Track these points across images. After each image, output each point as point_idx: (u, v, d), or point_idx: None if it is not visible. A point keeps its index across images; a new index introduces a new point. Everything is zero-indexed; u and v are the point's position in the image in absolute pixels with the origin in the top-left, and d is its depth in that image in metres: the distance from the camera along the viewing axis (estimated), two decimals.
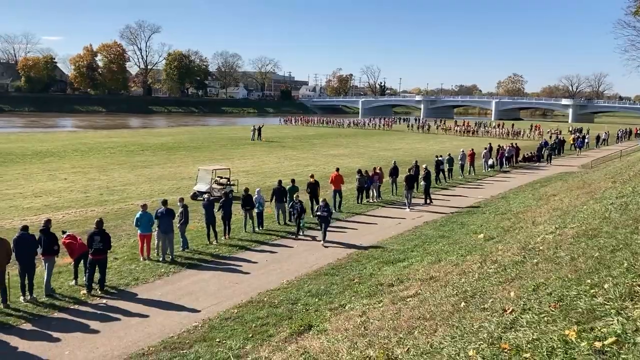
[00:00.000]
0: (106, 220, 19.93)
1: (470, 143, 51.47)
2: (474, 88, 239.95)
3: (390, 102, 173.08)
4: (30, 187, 26.80)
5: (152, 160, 38.78)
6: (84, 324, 11.18)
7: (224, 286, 13.53)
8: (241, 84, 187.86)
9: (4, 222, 18.90)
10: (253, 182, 27.52)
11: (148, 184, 28.66)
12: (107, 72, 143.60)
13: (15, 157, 38.13)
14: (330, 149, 50.90)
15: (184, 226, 16.70)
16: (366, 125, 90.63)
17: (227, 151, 46.71)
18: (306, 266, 15.06)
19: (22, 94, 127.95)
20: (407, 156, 41.79)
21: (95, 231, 13.13)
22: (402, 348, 6.55)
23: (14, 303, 12.02)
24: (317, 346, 8.37)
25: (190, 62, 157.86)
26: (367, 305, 10.55)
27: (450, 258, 13.09)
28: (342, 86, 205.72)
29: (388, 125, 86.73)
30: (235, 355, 9.38)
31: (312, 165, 37.95)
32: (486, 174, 34.72)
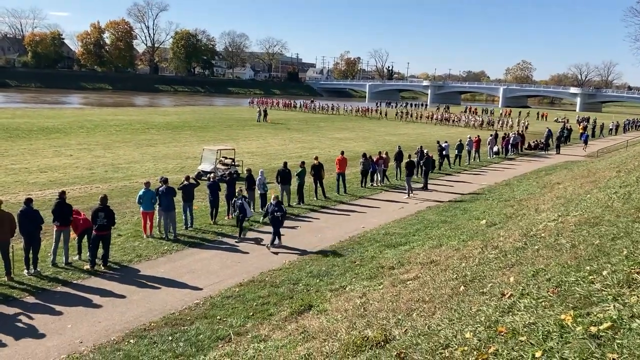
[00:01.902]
0: (111, 197, 20.02)
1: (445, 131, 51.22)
2: (482, 74, 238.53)
3: (397, 86, 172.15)
4: (36, 163, 26.92)
5: (157, 139, 38.83)
6: (87, 298, 11.31)
7: (226, 265, 13.64)
8: (248, 64, 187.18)
9: (9, 197, 19.01)
10: (258, 163, 27.55)
11: (153, 163, 28.74)
12: (114, 49, 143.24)
13: (21, 132, 38.24)
14: (336, 132, 50.80)
15: (187, 203, 16.77)
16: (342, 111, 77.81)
17: (232, 132, 46.69)
18: (309, 247, 15.14)
19: (28, 70, 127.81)
20: (412, 141, 41.67)
21: (100, 207, 13.22)
22: (400, 329, 6.62)
23: (18, 276, 12.16)
24: (316, 325, 8.46)
25: (197, 41, 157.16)
26: (368, 287, 10.63)
27: (452, 243, 13.14)
28: (349, 69, 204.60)
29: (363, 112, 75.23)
30: (236, 332, 9.49)
31: (318, 148, 37.90)
32: (491, 160, 34.69)
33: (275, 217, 15.11)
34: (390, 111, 78.75)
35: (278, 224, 15.18)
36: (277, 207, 15.18)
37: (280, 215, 15.15)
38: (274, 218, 15.15)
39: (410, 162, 23.40)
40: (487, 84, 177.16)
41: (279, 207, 15.25)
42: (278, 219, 15.12)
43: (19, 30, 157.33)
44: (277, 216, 15.09)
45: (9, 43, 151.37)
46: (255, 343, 8.59)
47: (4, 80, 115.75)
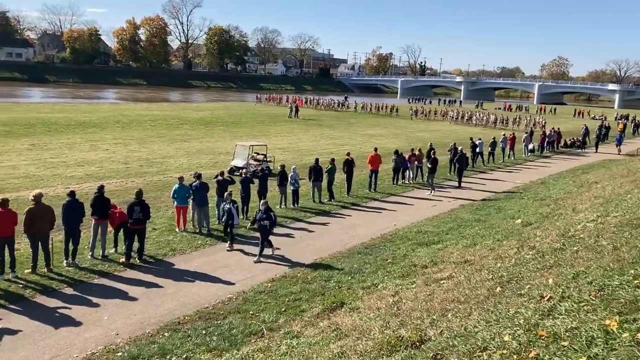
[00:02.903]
0: (145, 191, 20.30)
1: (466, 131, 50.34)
2: (517, 70, 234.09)
3: (429, 82, 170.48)
4: (73, 157, 27.52)
5: (190, 134, 39.28)
6: (123, 290, 11.51)
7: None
8: (280, 60, 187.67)
9: (48, 190, 19.47)
10: (289, 160, 27.61)
11: (186, 158, 29.09)
12: (149, 45, 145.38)
13: (59, 127, 39.14)
14: (367, 128, 50.58)
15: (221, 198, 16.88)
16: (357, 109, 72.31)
17: (264, 127, 46.92)
18: (340, 244, 15.11)
19: (67, 65, 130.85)
20: (444, 138, 41.23)
21: (135, 201, 13.44)
22: (435, 330, 6.53)
23: (57, 268, 12.44)
24: (349, 323, 8.42)
25: (230, 37, 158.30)
26: (400, 285, 10.54)
27: (486, 242, 12.93)
28: (381, 65, 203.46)
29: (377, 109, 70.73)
30: (268, 328, 9.52)
31: (349, 145, 37.75)
32: (526, 158, 34.06)
33: (262, 226, 13.83)
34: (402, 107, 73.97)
35: (266, 233, 13.86)
36: (265, 214, 13.80)
37: (268, 224, 13.79)
38: (261, 226, 13.86)
39: (433, 160, 23.11)
40: (521, 80, 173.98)
41: (267, 214, 13.83)
42: (266, 228, 13.80)
43: (57, 26, 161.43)
44: (264, 224, 13.78)
45: (48, 39, 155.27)
46: (288, 339, 8.60)
47: (43, 75, 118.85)
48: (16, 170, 23.37)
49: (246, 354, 8.30)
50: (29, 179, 21.95)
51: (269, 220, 13.79)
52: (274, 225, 14.31)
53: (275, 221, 14.25)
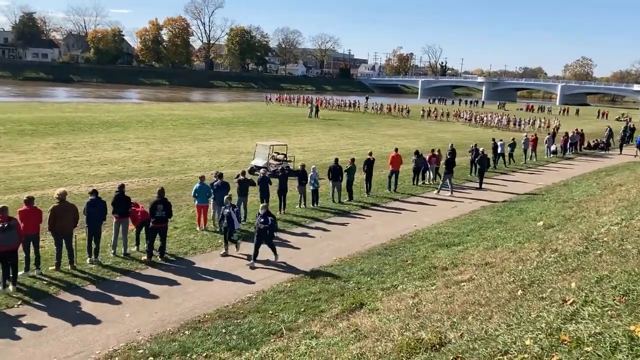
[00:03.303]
0: (167, 190, 20.49)
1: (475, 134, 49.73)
2: (539, 71, 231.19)
3: (450, 82, 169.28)
4: (97, 156, 27.91)
5: (212, 134, 39.56)
6: (144, 288, 11.64)
7: (278, 259, 13.75)
8: (300, 61, 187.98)
9: (72, 188, 19.77)
10: (309, 159, 27.65)
11: (207, 157, 29.32)
12: (172, 46, 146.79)
13: (83, 126, 39.73)
14: (387, 128, 50.42)
15: (242, 198, 16.99)
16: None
17: (284, 127, 47.05)
18: (359, 245, 15.08)
19: (91, 66, 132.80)
20: (465, 139, 40.89)
21: (158, 200, 13.58)
22: (455, 332, 6.49)
23: (80, 265, 12.64)
24: (368, 324, 8.41)
25: (251, 37, 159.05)
26: (420, 287, 10.49)
27: (507, 244, 12.80)
28: (402, 65, 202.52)
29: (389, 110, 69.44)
30: (287, 328, 9.55)
31: (369, 145, 37.65)
32: (548, 160, 33.64)
33: (259, 230, 13.33)
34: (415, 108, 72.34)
35: (263, 237, 13.33)
36: (263, 217, 13.23)
37: (265, 228, 13.21)
38: (258, 230, 13.40)
39: (449, 160, 22.92)
40: (544, 80, 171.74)
41: (265, 218, 13.21)
42: (264, 232, 13.29)
43: (82, 27, 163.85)
44: (262, 228, 13.25)
45: (73, 40, 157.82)
46: (307, 339, 8.61)
47: (68, 75, 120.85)
48: (41, 169, 23.80)
49: (265, 353, 8.33)
50: (53, 177, 22.33)
51: (266, 224, 13.14)
52: (274, 229, 13.70)
53: (274, 225, 13.53)
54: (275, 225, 13.90)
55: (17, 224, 11.29)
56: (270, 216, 13.42)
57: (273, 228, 13.52)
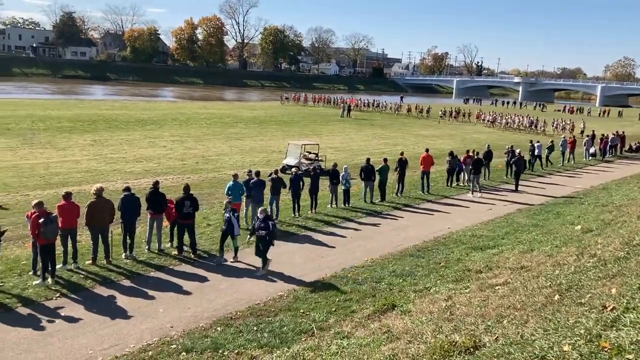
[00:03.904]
0: (200, 187, 20.91)
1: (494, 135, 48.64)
2: (578, 71, 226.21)
3: (486, 82, 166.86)
4: (132, 153, 28.44)
5: (244, 133, 39.88)
6: (177, 284, 11.79)
7: (309, 259, 13.77)
8: (333, 60, 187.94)
9: (108, 184, 20.19)
10: (341, 159, 27.60)
11: (240, 155, 29.57)
12: (206, 45, 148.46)
13: (119, 123, 40.53)
14: (420, 129, 50.01)
15: (275, 197, 17.06)
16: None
17: (316, 127, 47.11)
18: (391, 246, 14.97)
19: (127, 64, 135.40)
20: (501, 140, 40.25)
21: (185, 196, 13.75)
22: (490, 336, 6.37)
23: (116, 260, 12.88)
24: (400, 326, 8.33)
25: (284, 37, 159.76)
26: (453, 290, 10.34)
27: (544, 248, 12.52)
28: (436, 65, 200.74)
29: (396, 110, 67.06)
30: (319, 327, 9.53)
31: (401, 145, 37.42)
32: (587, 162, 32.85)
33: (259, 237, 12.46)
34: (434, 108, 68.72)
35: (264, 244, 12.48)
36: (263, 223, 12.35)
37: (266, 234, 12.32)
38: (258, 237, 12.54)
39: (477, 160, 22.54)
40: (583, 81, 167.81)
41: (265, 223, 12.34)
42: (265, 239, 12.40)
43: (119, 26, 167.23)
44: (261, 235, 12.36)
45: (110, 39, 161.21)
46: (338, 339, 8.58)
47: (105, 73, 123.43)
48: (79, 165, 24.37)
49: (296, 352, 8.33)
50: (90, 173, 22.84)
51: (266, 230, 12.29)
52: (274, 236, 12.71)
53: (273, 231, 12.59)
54: (275, 231, 12.99)
55: (57, 218, 11.61)
56: (270, 221, 12.59)
57: (273, 235, 12.61)
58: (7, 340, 9.06)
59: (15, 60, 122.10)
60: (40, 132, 33.51)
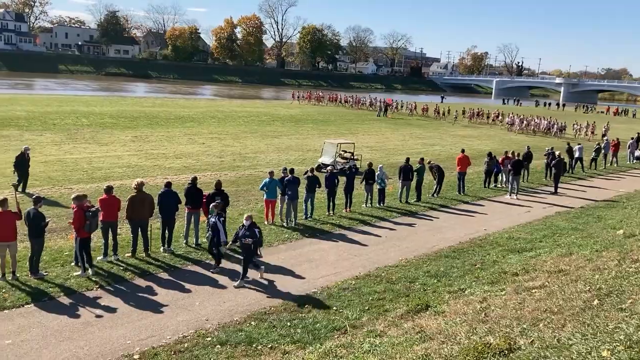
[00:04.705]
0: (237, 184, 21.18)
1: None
2: (624, 72, 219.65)
3: (526, 83, 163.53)
4: (172, 149, 28.96)
5: (281, 131, 40.13)
6: (213, 278, 11.99)
7: (343, 257, 13.80)
8: (371, 59, 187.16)
9: (148, 179, 20.59)
10: (376, 158, 27.50)
11: (276, 153, 29.78)
12: (245, 44, 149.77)
13: (160, 120, 41.30)
14: (458, 129, 49.37)
15: (310, 194, 17.13)
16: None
17: (352, 126, 47.03)
18: (426, 246, 14.87)
19: (168, 62, 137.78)
20: (539, 142, 39.44)
21: (215, 192, 13.96)
22: (525, 339, 6.28)
23: (154, 253, 13.18)
24: (434, 326, 8.29)
25: (322, 36, 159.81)
26: (489, 292, 10.23)
27: (584, 252, 12.25)
28: (475, 64, 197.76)
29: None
30: (351, 325, 9.56)
31: (438, 145, 37.12)
32: (631, 165, 31.90)
33: (244, 244, 11.65)
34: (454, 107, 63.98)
35: (249, 253, 11.70)
36: (248, 230, 11.54)
37: (251, 242, 11.55)
38: (242, 245, 11.73)
39: (517, 162, 22.09)
40: (628, 82, 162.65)
41: (251, 230, 11.54)
42: (249, 247, 11.61)
43: (161, 25, 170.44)
44: (247, 243, 11.57)
45: (152, 37, 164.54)
46: (371, 337, 8.59)
47: (146, 71, 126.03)
48: (120, 160, 24.97)
49: (329, 348, 8.38)
50: (131, 168, 23.37)
51: (252, 238, 11.51)
52: (260, 243, 12.08)
53: (260, 239, 11.88)
54: (261, 239, 12.18)
55: (99, 211, 11.99)
56: (256, 228, 11.78)
57: (259, 242, 11.93)
58: (50, 327, 9.39)
59: (61, 57, 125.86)
60: (84, 127, 34.45)
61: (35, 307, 10.13)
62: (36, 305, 10.17)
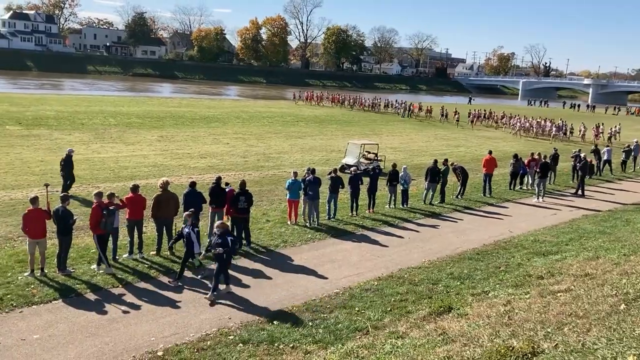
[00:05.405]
0: (261, 184, 21.31)
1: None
2: None
3: (554, 84, 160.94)
4: (197, 149, 29.27)
5: (305, 132, 40.24)
6: (237, 277, 12.06)
7: (366, 258, 13.79)
8: (395, 59, 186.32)
9: (173, 179, 20.85)
10: (400, 159, 27.39)
11: (300, 154, 29.87)
12: (270, 45, 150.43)
13: (185, 120, 41.77)
14: (485, 130, 48.86)
15: (333, 195, 17.14)
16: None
17: (376, 127, 46.91)
18: (450, 248, 14.77)
19: (194, 63, 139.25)
20: (565, 144, 38.81)
21: (240, 192, 14.07)
22: (549, 343, 6.21)
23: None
24: (456, 329, 8.24)
25: (347, 37, 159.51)
26: (513, 295, 10.12)
27: (611, 256, 12.04)
28: (502, 65, 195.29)
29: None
30: (373, 326, 9.55)
31: (463, 146, 36.80)
32: None
33: (216, 254, 10.93)
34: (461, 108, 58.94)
35: (221, 262, 10.94)
36: (221, 238, 10.82)
37: (224, 252, 10.78)
38: (215, 255, 11.03)
39: (545, 164, 21.75)
40: None
41: (224, 238, 10.79)
42: (221, 256, 10.87)
43: (187, 26, 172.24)
44: (218, 252, 10.80)
45: (178, 38, 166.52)
46: (393, 339, 8.58)
47: (173, 72, 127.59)
48: (146, 160, 25.33)
49: (351, 349, 8.39)
50: (157, 167, 23.69)
51: (224, 247, 10.73)
52: (233, 253, 11.46)
53: (232, 248, 11.06)
54: (235, 247, 11.62)
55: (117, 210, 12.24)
56: (229, 236, 11.07)
57: (233, 251, 11.29)
58: (77, 323, 9.58)
59: (90, 58, 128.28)
60: (111, 127, 35.02)
61: (63, 303, 10.35)
62: (63, 301, 10.39)
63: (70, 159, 18.28)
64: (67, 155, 18.29)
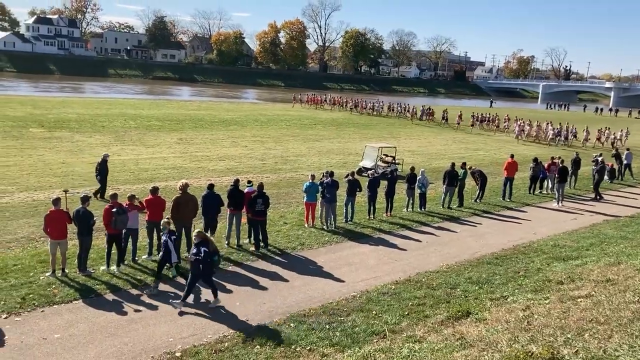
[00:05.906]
0: (278, 187, 21.38)
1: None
2: None
3: (574, 87, 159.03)
4: (216, 151, 29.48)
5: (322, 135, 40.29)
6: (254, 279, 12.13)
7: (383, 261, 13.75)
8: (414, 62, 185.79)
9: (192, 181, 21.01)
10: (418, 163, 27.27)
11: (317, 157, 29.92)
12: (288, 48, 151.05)
13: (204, 123, 42.09)
14: (503, 134, 48.42)
15: (350, 198, 17.12)
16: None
17: (394, 130, 46.80)
18: (468, 252, 14.67)
19: (213, 66, 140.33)
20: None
21: (257, 194, 14.13)
22: (569, 349, 6.14)
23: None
24: (474, 333, 8.18)
25: (365, 40, 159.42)
26: (532, 300, 10.02)
27: (633, 262, 11.86)
28: (521, 68, 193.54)
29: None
30: (391, 330, 9.51)
31: (482, 150, 36.55)
32: None
33: (191, 263, 10.69)
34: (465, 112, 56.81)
35: (196, 272, 10.56)
36: (196, 247, 10.52)
37: (194, 259, 10.48)
38: (190, 263, 10.79)
39: (563, 168, 21.48)
40: None
41: (198, 248, 10.43)
42: (193, 265, 10.57)
43: (207, 30, 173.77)
44: (190, 260, 10.66)
45: (198, 42, 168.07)
46: (410, 343, 8.54)
47: (192, 75, 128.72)
48: (166, 162, 25.58)
49: (368, 352, 8.37)
50: (176, 170, 23.90)
51: (196, 256, 10.38)
52: (210, 264, 10.68)
53: (205, 259, 10.41)
54: (214, 259, 10.91)
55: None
56: (204, 246, 10.48)
57: (205, 261, 10.49)
58: (97, 323, 9.70)
59: (111, 62, 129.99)
60: (132, 130, 35.42)
61: (83, 303, 10.49)
62: (84, 302, 10.53)
63: (105, 163, 18.66)
64: (103, 160, 18.65)
